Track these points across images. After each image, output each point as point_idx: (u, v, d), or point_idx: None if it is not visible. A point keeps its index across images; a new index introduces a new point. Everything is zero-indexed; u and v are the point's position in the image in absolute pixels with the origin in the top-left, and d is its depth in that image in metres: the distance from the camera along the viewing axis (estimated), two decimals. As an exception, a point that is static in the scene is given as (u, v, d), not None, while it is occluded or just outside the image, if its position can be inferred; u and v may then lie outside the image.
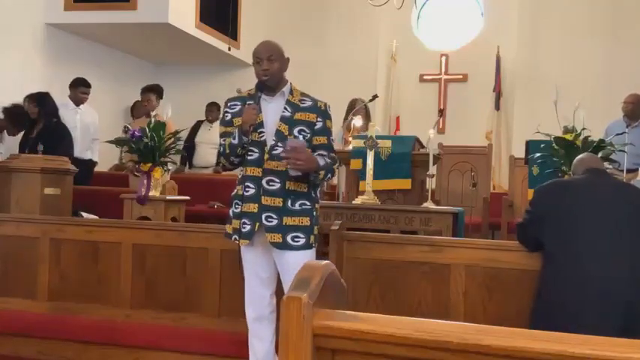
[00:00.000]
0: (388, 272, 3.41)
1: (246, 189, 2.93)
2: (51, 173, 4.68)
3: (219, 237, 3.68)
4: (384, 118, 8.72)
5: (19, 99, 5.77)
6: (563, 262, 2.75)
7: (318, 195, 3.08)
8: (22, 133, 5.74)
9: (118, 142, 4.80)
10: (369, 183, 4.50)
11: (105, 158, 7.16)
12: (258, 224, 2.89)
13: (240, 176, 3.03)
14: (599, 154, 3.95)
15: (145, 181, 4.44)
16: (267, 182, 2.89)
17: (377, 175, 4.60)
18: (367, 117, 6.09)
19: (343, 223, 3.68)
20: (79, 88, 6.38)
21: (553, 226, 2.84)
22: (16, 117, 5.63)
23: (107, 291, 3.83)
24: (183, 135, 5.75)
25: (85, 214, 4.88)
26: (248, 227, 2.92)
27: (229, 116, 3.02)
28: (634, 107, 6.14)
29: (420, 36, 8.98)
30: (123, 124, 7.35)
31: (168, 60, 8.81)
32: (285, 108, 2.95)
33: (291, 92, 3.00)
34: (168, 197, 4.62)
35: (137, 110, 7.63)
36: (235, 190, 3.02)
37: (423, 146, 5.18)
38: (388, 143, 4.77)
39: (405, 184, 4.83)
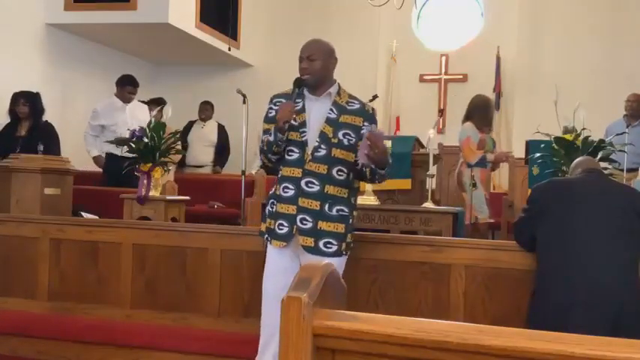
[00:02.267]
0: (388, 272, 3.42)
1: (285, 190, 2.86)
2: (51, 173, 4.67)
3: (220, 237, 3.69)
4: (384, 118, 8.72)
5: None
6: (556, 262, 2.76)
7: (357, 202, 3.02)
8: None
9: (118, 142, 4.79)
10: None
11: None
12: (295, 227, 2.83)
13: (279, 175, 2.95)
14: (599, 155, 3.95)
15: (145, 181, 4.44)
16: (307, 184, 2.82)
17: (377, 175, 4.59)
18: None
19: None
20: (126, 88, 6.25)
21: (548, 225, 2.84)
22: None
23: (107, 291, 3.83)
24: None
25: (85, 214, 4.88)
26: (285, 229, 2.84)
27: (273, 112, 2.91)
28: (638, 106, 6.16)
29: (420, 36, 8.98)
30: (123, 125, 7.35)
31: (168, 60, 8.82)
32: (332, 109, 2.87)
33: (339, 93, 2.92)
34: (168, 197, 4.62)
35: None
36: (273, 189, 2.96)
37: (423, 146, 5.20)
38: (388, 143, 4.77)
39: (405, 184, 4.84)
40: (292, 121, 2.82)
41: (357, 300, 3.33)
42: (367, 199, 4.54)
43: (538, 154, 4.47)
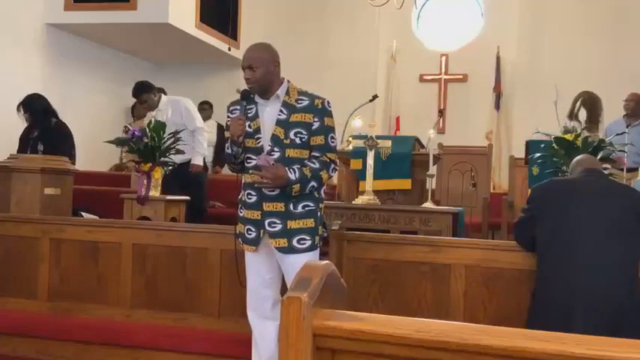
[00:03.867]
0: (388, 272, 3.42)
1: (249, 196, 2.93)
2: (51, 173, 4.67)
3: (219, 237, 3.68)
4: (384, 118, 8.72)
5: (18, 99, 5.74)
6: (556, 262, 2.76)
7: (322, 195, 3.04)
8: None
9: (118, 142, 4.79)
10: (369, 183, 4.50)
11: (105, 158, 7.16)
12: (262, 231, 2.89)
13: (243, 181, 3.02)
14: (599, 155, 3.95)
15: (145, 181, 4.44)
16: (267, 188, 2.87)
17: (377, 175, 4.60)
18: None
19: (343, 223, 3.69)
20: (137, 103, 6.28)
21: (547, 225, 2.84)
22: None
23: (107, 291, 3.83)
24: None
25: (85, 214, 4.88)
26: (253, 234, 2.92)
27: (229, 121, 2.98)
28: (635, 105, 6.16)
29: (420, 36, 8.98)
30: (123, 124, 7.36)
31: (168, 60, 8.82)
32: (281, 110, 2.91)
33: (288, 93, 2.95)
34: (168, 197, 4.62)
35: (137, 110, 7.63)
36: (240, 194, 3.02)
37: (423, 146, 5.19)
38: (388, 143, 4.77)
39: (405, 184, 4.83)
40: (247, 129, 2.89)
41: (357, 300, 3.34)
42: (367, 199, 4.53)
43: (538, 154, 4.47)
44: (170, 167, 4.74)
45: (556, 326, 2.07)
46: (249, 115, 2.93)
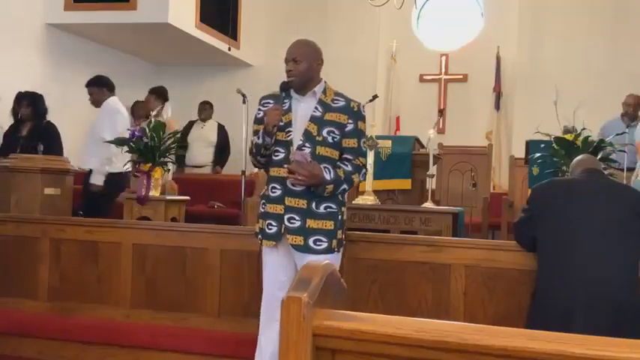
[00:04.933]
0: (388, 272, 3.42)
1: (273, 190, 2.89)
2: (51, 173, 4.67)
3: (219, 237, 3.69)
4: (384, 118, 8.72)
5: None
6: (556, 261, 2.76)
7: (345, 198, 3.02)
8: None
9: (117, 142, 4.79)
10: (369, 183, 4.50)
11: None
12: (283, 226, 2.84)
13: (268, 176, 2.98)
14: (599, 155, 3.95)
15: (145, 181, 4.44)
16: (293, 184, 2.83)
17: (377, 175, 4.60)
18: None
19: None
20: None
21: (547, 225, 2.85)
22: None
23: (107, 291, 3.83)
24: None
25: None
26: (274, 229, 2.87)
27: (261, 114, 2.94)
28: (635, 108, 6.18)
29: (420, 36, 8.98)
30: (124, 124, 7.35)
31: (168, 60, 8.82)
32: (316, 108, 2.89)
33: (325, 91, 2.93)
34: (168, 197, 4.62)
35: (137, 110, 7.63)
36: (264, 190, 2.98)
37: (423, 146, 5.19)
38: (388, 143, 4.78)
39: (405, 184, 4.84)
40: (280, 121, 2.86)
41: (357, 300, 3.34)
42: (367, 198, 4.54)
43: (538, 154, 4.47)
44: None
45: (556, 326, 2.07)
46: (283, 108, 2.89)
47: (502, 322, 3.02)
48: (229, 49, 8.16)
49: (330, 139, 2.86)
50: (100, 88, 5.33)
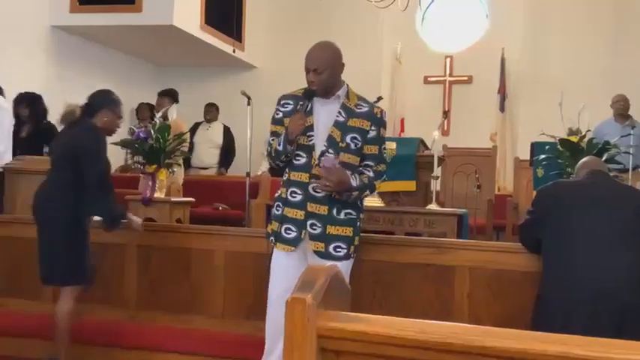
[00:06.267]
0: (392, 274, 3.42)
1: (293, 194, 2.83)
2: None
3: (224, 238, 3.69)
4: (389, 119, 8.65)
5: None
6: (560, 263, 2.76)
7: (363, 204, 3.01)
8: None
9: (123, 143, 4.81)
10: (373, 185, 4.50)
11: (110, 160, 7.16)
12: (304, 232, 2.81)
13: (285, 178, 2.92)
14: (604, 156, 3.95)
15: (150, 183, 4.45)
16: (314, 189, 2.79)
17: (381, 177, 4.59)
18: None
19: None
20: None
21: (552, 228, 2.84)
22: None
23: (112, 292, 3.84)
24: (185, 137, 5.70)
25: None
26: (293, 234, 2.82)
27: (280, 114, 2.89)
28: (625, 104, 6.23)
29: (424, 38, 8.97)
30: (128, 126, 7.38)
31: (173, 62, 8.83)
32: (340, 112, 2.83)
33: (348, 96, 2.87)
34: (173, 199, 4.63)
35: (142, 112, 7.66)
36: (279, 192, 2.93)
37: (427, 148, 5.18)
38: (392, 145, 4.77)
39: (410, 185, 4.83)
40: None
41: (361, 301, 3.33)
42: (371, 200, 4.53)
43: (543, 156, 4.46)
44: None
45: (559, 328, 2.07)
46: (305, 110, 2.83)
47: (506, 324, 3.01)
48: (234, 51, 8.18)
49: (352, 146, 2.82)
50: None
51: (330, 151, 2.80)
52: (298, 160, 2.84)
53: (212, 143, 7.81)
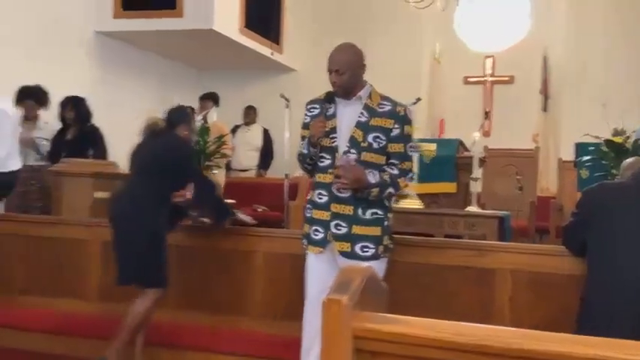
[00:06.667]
0: (431, 276, 3.39)
1: (319, 196, 2.89)
2: (101, 177, 4.79)
3: (265, 240, 3.72)
4: (428, 120, 8.65)
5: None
6: (603, 265, 2.69)
7: (392, 203, 3.01)
8: None
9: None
10: (412, 186, 4.48)
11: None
12: (329, 233, 2.85)
13: (314, 181, 2.98)
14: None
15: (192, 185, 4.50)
16: (339, 189, 2.82)
17: (421, 179, 4.57)
18: None
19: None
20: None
21: (597, 230, 2.77)
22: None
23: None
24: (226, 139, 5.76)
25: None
26: (320, 235, 2.87)
27: (308, 119, 2.96)
28: None
29: (464, 37, 8.87)
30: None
31: (212, 65, 8.94)
32: (362, 113, 2.86)
33: (370, 96, 2.91)
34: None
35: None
36: (310, 195, 2.99)
37: (467, 149, 5.13)
38: (432, 146, 4.74)
39: (450, 187, 4.79)
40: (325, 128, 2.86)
41: (399, 304, 3.30)
42: (411, 202, 4.51)
43: (587, 157, 4.37)
44: None
45: (604, 331, 2.02)
46: (327, 114, 2.89)
47: (550, 328, 2.93)
48: (272, 54, 8.24)
49: (375, 145, 2.84)
50: None
51: (353, 151, 2.83)
52: (322, 161, 2.89)
53: (251, 146, 7.88)
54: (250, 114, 7.99)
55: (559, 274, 3.16)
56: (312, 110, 2.97)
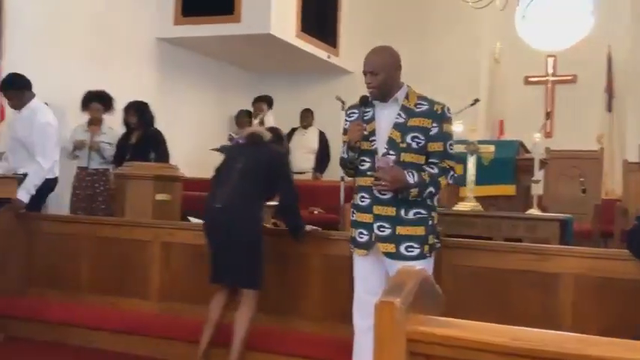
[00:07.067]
0: (490, 280, 3.33)
1: (362, 199, 2.92)
2: (162, 180, 4.92)
3: (321, 242, 3.73)
4: (488, 121, 8.50)
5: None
6: None
7: (436, 202, 2.99)
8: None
9: (222, 149, 4.97)
10: (469, 189, 4.40)
11: (212, 165, 7.40)
12: (373, 234, 2.87)
13: (356, 185, 3.01)
14: None
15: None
16: (380, 191, 2.84)
17: (479, 181, 4.49)
18: None
19: (443, 229, 3.61)
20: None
21: None
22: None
23: (213, 293, 3.95)
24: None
25: (193, 219, 5.08)
26: (365, 237, 2.90)
27: (347, 124, 2.99)
28: None
29: (525, 36, 8.68)
30: (227, 133, 7.63)
31: (269, 69, 9.04)
32: (399, 114, 2.87)
33: (407, 97, 2.91)
34: (269, 203, 4.72)
35: (241, 119, 7.89)
36: (353, 199, 3.02)
37: (528, 151, 5.01)
38: (491, 148, 4.65)
39: (509, 190, 4.69)
40: (363, 132, 2.88)
41: (457, 308, 3.25)
42: (468, 205, 4.43)
43: (654, 158, 4.20)
44: None
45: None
46: (366, 118, 2.92)
47: (614, 334, 2.84)
48: (328, 57, 8.26)
49: (414, 145, 2.84)
50: (20, 90, 4.62)
51: (392, 152, 2.84)
52: (363, 165, 2.92)
53: (308, 148, 7.92)
54: (307, 117, 8.04)
55: (624, 278, 3.05)
56: (351, 115, 3.00)
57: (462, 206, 4.41)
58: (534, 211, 4.36)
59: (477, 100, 5.14)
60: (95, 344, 4.01)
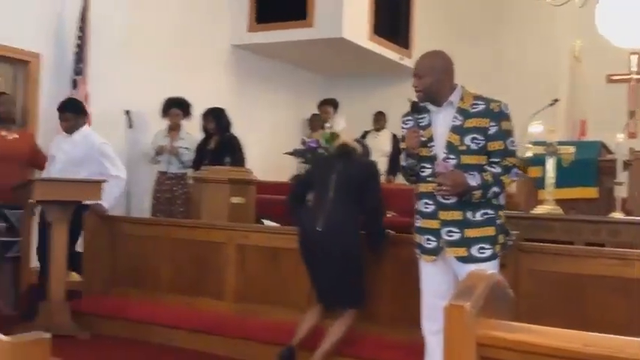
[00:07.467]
0: (570, 286, 3.22)
1: (425, 205, 2.89)
2: (237, 184, 5.03)
3: (392, 245, 3.70)
4: (568, 122, 8.20)
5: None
6: None
7: (502, 201, 2.94)
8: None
9: (295, 153, 5.03)
10: (549, 191, 4.27)
11: (285, 168, 7.50)
12: (441, 240, 2.85)
13: (418, 191, 2.97)
14: None
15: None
16: (443, 197, 2.82)
17: (558, 183, 4.35)
18: None
19: (521, 233, 3.52)
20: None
21: None
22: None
23: (286, 294, 4.01)
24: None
25: (267, 222, 5.16)
26: (433, 244, 2.88)
27: (404, 132, 2.99)
28: None
29: (606, 34, 8.33)
30: (300, 137, 7.71)
31: (340, 72, 9.07)
32: (455, 117, 2.84)
33: (462, 98, 2.87)
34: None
35: (314, 123, 7.96)
36: (416, 205, 3.00)
37: (610, 152, 4.82)
38: (571, 149, 4.49)
39: (590, 192, 4.54)
40: (421, 138, 2.86)
41: (534, 313, 3.16)
42: (547, 208, 4.30)
43: None
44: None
45: None
46: (422, 124, 2.90)
47: None
48: (401, 59, 8.21)
49: (474, 146, 2.79)
50: (76, 113, 4.80)
51: (451, 156, 2.80)
52: (424, 171, 2.89)
53: (381, 151, 7.88)
54: (380, 120, 8.01)
55: None
56: (407, 123, 2.97)
57: (540, 209, 4.29)
58: (618, 215, 4.19)
59: (556, 100, 4.99)
60: (174, 342, 4.14)
